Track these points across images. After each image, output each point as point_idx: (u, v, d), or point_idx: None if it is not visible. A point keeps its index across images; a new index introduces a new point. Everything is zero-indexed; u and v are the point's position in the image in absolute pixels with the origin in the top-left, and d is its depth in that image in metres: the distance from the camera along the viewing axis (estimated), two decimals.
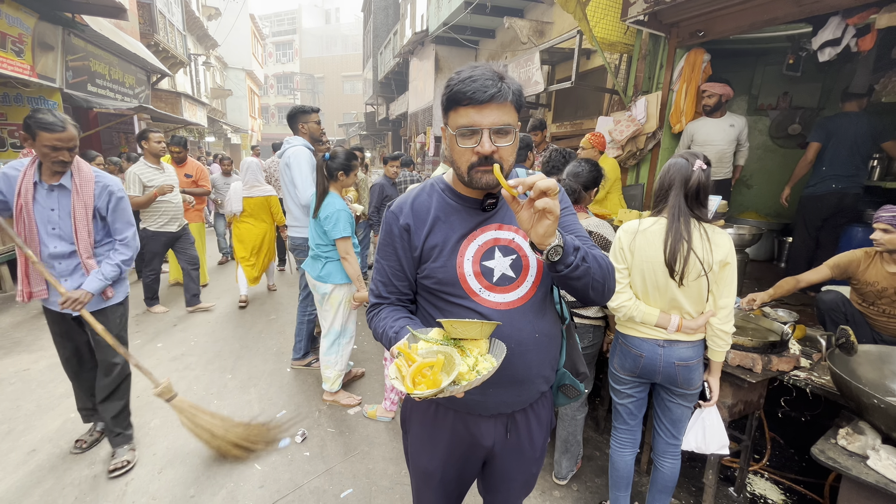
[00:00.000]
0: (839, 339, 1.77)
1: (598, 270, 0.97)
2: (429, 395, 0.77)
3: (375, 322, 1.10)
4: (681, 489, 2.25)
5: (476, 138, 0.93)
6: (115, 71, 7.90)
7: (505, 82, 0.92)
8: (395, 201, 1.14)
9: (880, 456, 1.44)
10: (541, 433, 1.20)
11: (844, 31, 2.92)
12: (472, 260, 1.04)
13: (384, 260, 1.12)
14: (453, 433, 1.14)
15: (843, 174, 3.26)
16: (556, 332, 1.15)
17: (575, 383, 1.21)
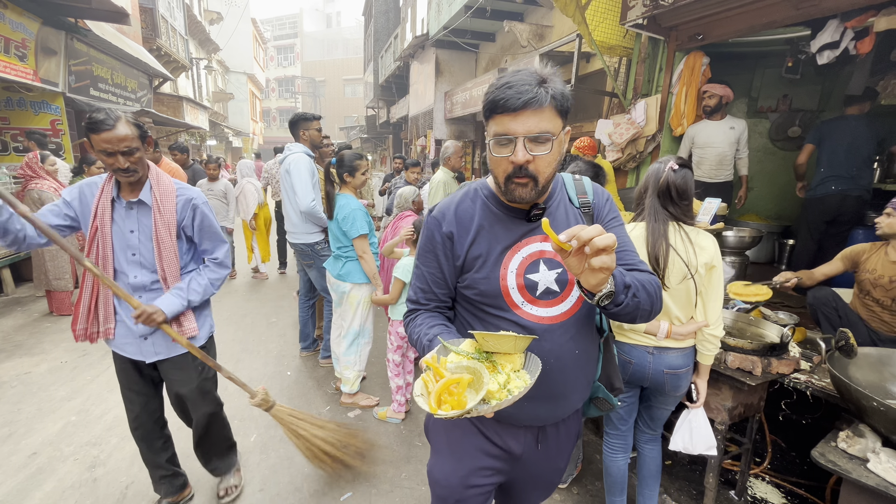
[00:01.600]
0: (838, 341, 1.77)
1: (646, 300, 0.93)
2: (454, 416, 0.74)
3: (411, 328, 1.08)
4: (682, 493, 2.24)
5: (511, 147, 0.89)
6: (118, 75, 7.95)
7: (544, 87, 0.87)
8: (437, 207, 1.10)
9: (880, 459, 1.44)
10: (569, 443, 1.20)
11: (843, 34, 2.93)
12: (516, 273, 1.00)
13: (424, 266, 1.09)
14: (480, 440, 1.11)
15: (843, 176, 3.26)
16: (595, 346, 1.14)
17: (608, 397, 1.18)
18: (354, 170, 2.62)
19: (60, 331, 4.00)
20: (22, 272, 5.30)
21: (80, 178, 4.74)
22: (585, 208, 1.07)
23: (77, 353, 3.55)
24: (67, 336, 3.87)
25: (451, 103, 8.01)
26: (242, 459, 2.33)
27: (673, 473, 2.37)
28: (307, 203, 2.90)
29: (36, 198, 4.06)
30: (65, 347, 3.65)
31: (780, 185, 4.70)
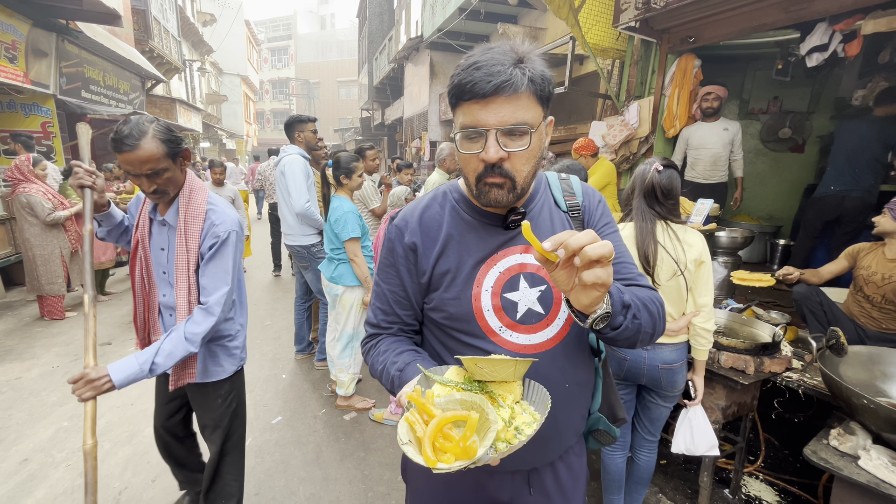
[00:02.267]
0: (829, 339, 1.79)
1: (648, 322, 0.77)
2: (458, 468, 0.57)
3: (373, 356, 0.91)
4: (676, 492, 2.25)
5: (481, 142, 0.74)
6: (110, 77, 7.90)
7: (521, 67, 0.71)
8: (400, 213, 0.93)
9: (871, 456, 1.46)
10: (575, 486, 0.99)
11: (831, 37, 2.97)
12: (492, 291, 0.84)
13: (385, 283, 0.92)
14: (462, 486, 0.94)
15: (844, 177, 3.27)
16: (590, 375, 0.96)
17: (610, 429, 1.02)
18: (351, 172, 2.63)
19: (52, 335, 3.96)
20: (12, 276, 5.24)
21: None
22: (574, 212, 0.91)
23: (69, 357, 3.51)
24: (59, 340, 3.83)
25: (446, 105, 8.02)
26: None
27: (668, 473, 2.39)
28: (301, 205, 2.90)
29: (24, 202, 4.02)
30: (56, 352, 3.61)
31: (771, 186, 4.75)
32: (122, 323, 4.27)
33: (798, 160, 4.56)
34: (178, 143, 1.40)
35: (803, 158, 4.53)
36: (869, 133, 3.14)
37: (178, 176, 1.44)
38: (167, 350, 1.38)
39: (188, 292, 1.45)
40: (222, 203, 1.52)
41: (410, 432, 0.63)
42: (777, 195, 4.72)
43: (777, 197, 4.72)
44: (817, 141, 4.41)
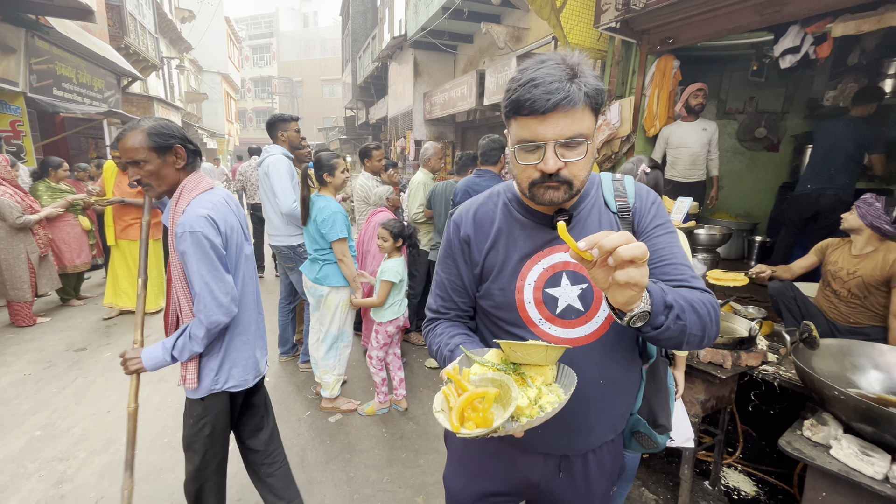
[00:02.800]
0: (802, 333, 1.85)
1: (695, 324, 0.76)
2: (479, 436, 0.66)
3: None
4: (658, 485, 2.30)
5: (539, 154, 0.78)
6: (83, 74, 7.65)
7: (576, 82, 0.75)
8: (458, 209, 1.02)
9: (842, 445, 1.51)
10: (602, 482, 1.02)
11: (803, 39, 3.06)
12: (535, 285, 0.89)
13: (443, 272, 1.01)
14: (495, 462, 1.01)
15: (820, 175, 3.36)
16: (631, 376, 0.98)
17: (651, 434, 1.03)
18: (333, 168, 2.60)
19: (23, 342, 3.82)
20: None
21: (42, 182, 4.54)
22: (624, 213, 0.92)
23: (42, 364, 3.40)
24: (31, 347, 3.70)
25: (431, 104, 8.01)
26: None
27: (650, 466, 2.43)
28: (288, 205, 2.86)
29: None
30: (28, 359, 3.48)
31: (748, 184, 4.88)
32: (97, 328, 4.15)
33: (773, 159, 4.69)
34: (165, 140, 1.39)
35: (778, 157, 4.66)
36: (845, 133, 3.24)
37: (166, 172, 1.42)
38: (180, 345, 1.42)
39: (182, 293, 1.45)
40: (205, 204, 1.41)
41: (445, 403, 0.73)
42: (754, 193, 4.85)
43: (754, 195, 4.85)
44: (791, 140, 4.54)
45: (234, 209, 1.53)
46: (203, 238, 1.37)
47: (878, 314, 2.18)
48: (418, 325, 4.04)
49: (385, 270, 2.67)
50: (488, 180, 2.99)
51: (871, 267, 2.13)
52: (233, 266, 1.50)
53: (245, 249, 1.56)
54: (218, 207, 1.45)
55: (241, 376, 1.55)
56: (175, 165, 1.44)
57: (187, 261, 1.38)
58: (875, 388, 1.76)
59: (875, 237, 2.16)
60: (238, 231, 1.52)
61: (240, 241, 1.53)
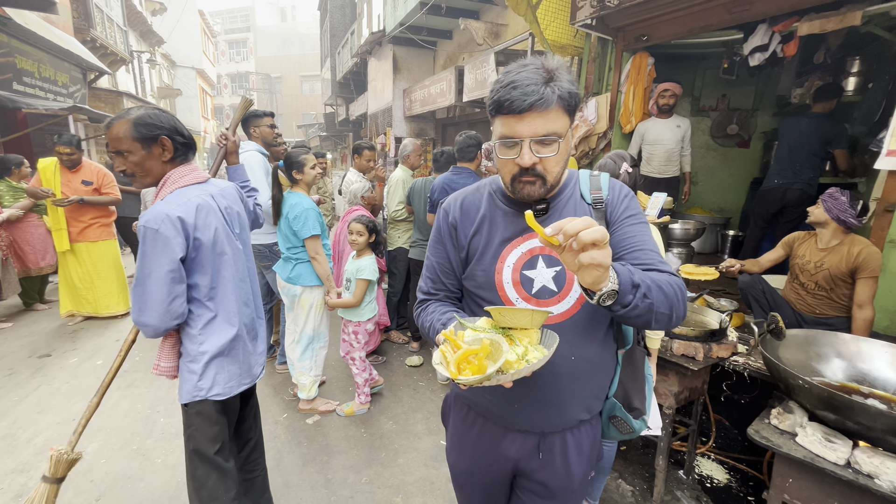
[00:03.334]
0: (770, 324, 1.89)
1: (662, 302, 0.83)
2: (474, 382, 0.73)
3: (423, 317, 1.07)
4: (635, 476, 2.33)
5: (517, 150, 0.88)
6: (46, 68, 7.31)
7: (551, 85, 0.84)
8: (447, 199, 1.11)
9: (807, 432, 1.55)
10: (580, 463, 1.08)
11: (771, 37, 3.13)
12: (513, 267, 0.98)
13: (434, 256, 1.11)
14: (480, 440, 1.11)
15: (786, 170, 3.46)
16: (605, 357, 1.04)
17: (626, 418, 1.10)
18: (302, 165, 2.54)
19: None
20: None
21: (2, 181, 4.32)
22: (598, 204, 1.01)
23: (2, 372, 3.24)
24: None
25: (410, 101, 7.95)
26: None
27: (627, 458, 2.47)
28: (264, 201, 2.79)
29: None
30: None
31: (721, 180, 5.00)
32: (62, 334, 3.98)
33: (744, 155, 4.81)
34: (151, 131, 1.35)
35: (749, 153, 4.78)
36: (808, 129, 3.33)
37: (151, 164, 1.38)
38: None
39: None
40: (178, 200, 1.34)
41: (443, 358, 0.81)
42: (727, 188, 4.97)
43: (727, 190, 4.97)
44: (761, 137, 4.67)
45: (220, 208, 1.46)
46: (157, 236, 1.28)
47: (843, 305, 2.26)
48: (398, 323, 4.01)
49: (363, 269, 2.64)
50: (465, 177, 2.98)
51: (837, 260, 2.19)
52: (206, 269, 1.40)
53: (229, 249, 1.47)
54: (190, 205, 1.35)
55: (227, 382, 1.46)
56: (162, 158, 1.39)
57: (139, 254, 1.31)
58: (838, 376, 1.81)
59: (840, 230, 2.22)
60: (221, 231, 1.44)
61: (221, 242, 1.43)
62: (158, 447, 2.42)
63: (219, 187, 1.52)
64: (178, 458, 2.33)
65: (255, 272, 1.64)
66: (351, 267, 2.71)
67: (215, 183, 1.53)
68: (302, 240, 2.49)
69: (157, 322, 1.31)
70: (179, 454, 2.36)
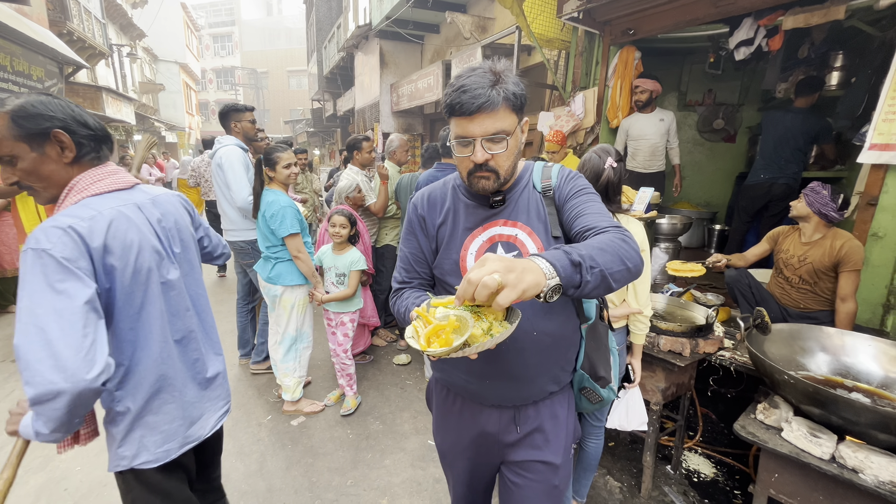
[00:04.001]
0: (755, 319, 1.89)
1: (612, 261, 0.82)
2: (441, 354, 0.78)
3: (398, 304, 1.11)
4: (623, 472, 2.33)
5: (470, 148, 0.96)
6: (19, 62, 7.06)
7: (497, 88, 0.92)
8: (417, 194, 1.19)
9: (792, 427, 1.55)
10: (558, 432, 1.14)
11: (756, 31, 3.13)
12: (475, 254, 1.06)
13: (406, 247, 1.17)
14: (461, 418, 1.18)
15: (771, 165, 3.46)
16: (567, 331, 1.10)
17: (594, 387, 1.17)
18: (275, 163, 2.47)
19: None
20: None
21: None
22: (547, 192, 1.09)
23: None
24: None
25: (398, 96, 7.86)
26: None
27: (615, 454, 2.46)
28: (243, 198, 2.71)
29: None
30: None
31: (708, 174, 5.02)
32: None
33: (730, 150, 4.84)
34: (37, 124, 1.01)
35: (735, 148, 4.81)
36: (793, 124, 3.34)
37: (49, 170, 1.05)
38: (26, 421, 0.98)
39: None
40: (81, 213, 1.01)
41: (415, 333, 0.86)
42: (713, 183, 5.00)
43: (713, 184, 5.00)
44: (747, 131, 4.69)
45: (150, 222, 1.14)
46: (49, 259, 0.92)
47: (827, 299, 2.27)
48: (387, 321, 3.96)
49: (356, 261, 2.68)
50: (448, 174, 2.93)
51: (820, 254, 2.20)
52: (130, 303, 1.08)
53: (163, 276, 1.15)
54: (100, 221, 1.02)
55: (160, 446, 1.14)
56: (62, 159, 1.05)
57: (20, 289, 0.92)
58: (822, 370, 1.82)
59: (822, 224, 2.23)
60: (147, 252, 1.10)
61: (146, 268, 1.10)
62: None
63: (150, 194, 1.19)
64: None
65: (204, 298, 1.31)
66: (341, 261, 2.70)
67: (145, 189, 1.20)
68: (281, 238, 2.42)
69: (69, 382, 0.88)
70: None
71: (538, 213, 1.06)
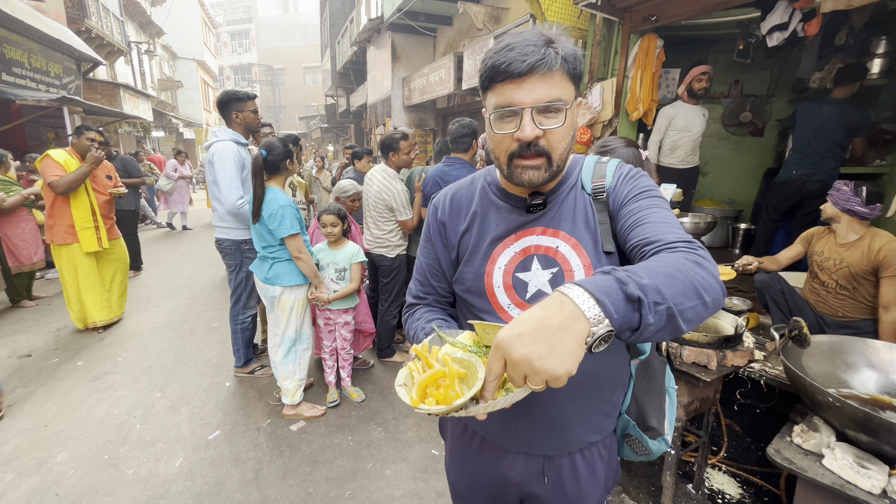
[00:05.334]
0: (792, 330, 1.70)
1: (682, 294, 0.59)
2: (437, 413, 0.61)
3: (409, 323, 0.98)
4: (640, 490, 2.17)
5: (516, 122, 0.74)
6: (37, 59, 7.16)
7: (553, 46, 0.72)
8: (439, 194, 1.01)
9: (835, 455, 1.37)
10: (594, 489, 0.95)
11: (791, 15, 2.89)
12: (504, 269, 0.87)
13: (423, 257, 1.01)
14: (479, 458, 0.99)
15: (805, 161, 3.22)
16: (614, 369, 0.90)
17: (642, 438, 0.96)
18: (291, 154, 2.41)
19: None
20: None
21: None
22: (599, 194, 0.86)
23: None
24: None
25: (409, 90, 7.73)
26: (163, 489, 2.07)
27: (633, 471, 2.30)
28: (231, 201, 2.57)
29: None
30: None
31: (733, 170, 4.76)
32: (47, 332, 3.86)
33: (758, 144, 4.57)
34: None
35: (763, 142, 4.53)
36: (830, 116, 3.08)
37: None
38: None
39: None
40: None
41: (409, 378, 0.69)
42: (738, 179, 4.73)
43: (738, 181, 4.73)
44: (776, 125, 4.41)
45: None
46: None
47: (868, 306, 2.06)
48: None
49: (355, 254, 2.64)
50: (458, 169, 2.78)
51: (858, 256, 2.02)
52: None
53: None
54: None
55: None
56: None
57: None
58: (868, 388, 1.62)
59: (856, 222, 2.08)
60: None
61: None
62: (132, 457, 2.28)
63: None
64: (150, 470, 2.19)
65: None
66: (340, 256, 2.63)
67: None
68: (279, 239, 2.32)
69: None
70: (152, 465, 2.22)
71: (587, 220, 0.84)
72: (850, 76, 3.05)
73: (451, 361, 0.68)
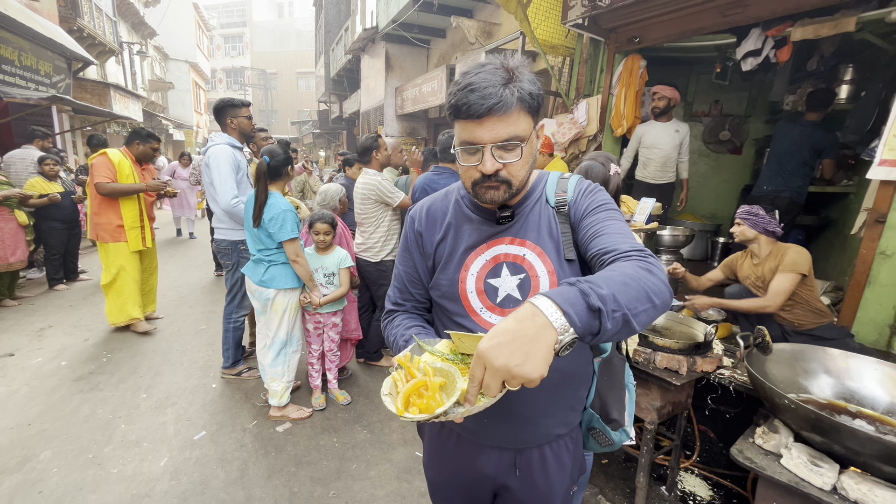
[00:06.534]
0: (756, 338, 1.81)
1: (636, 298, 0.67)
2: (421, 420, 0.68)
3: (388, 330, 1.03)
4: (616, 492, 2.25)
5: (478, 156, 0.83)
6: (27, 57, 7.13)
7: (511, 87, 0.78)
8: (416, 205, 1.08)
9: (792, 454, 1.47)
10: (561, 479, 1.03)
11: (764, 42, 3.07)
12: (477, 276, 0.95)
13: (401, 265, 1.07)
14: (455, 454, 1.06)
15: (775, 178, 3.39)
16: (578, 367, 0.98)
17: (605, 430, 1.04)
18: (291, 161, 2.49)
19: None
20: None
21: None
22: (561, 208, 0.94)
23: None
24: None
25: (402, 99, 7.85)
26: (147, 488, 2.09)
27: (608, 473, 2.38)
28: (227, 201, 2.65)
29: None
30: None
31: (713, 186, 4.94)
32: (30, 332, 3.82)
33: (736, 161, 4.77)
34: None
35: (741, 160, 4.73)
36: (800, 136, 3.27)
37: None
38: None
39: None
40: None
41: (393, 387, 0.75)
42: (718, 195, 4.92)
43: (718, 196, 4.92)
44: (753, 143, 4.62)
45: None
46: None
47: (817, 310, 2.21)
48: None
49: (344, 258, 2.70)
50: (446, 178, 2.88)
51: (773, 265, 2.23)
52: None
53: None
54: None
55: None
56: None
57: None
58: (826, 394, 1.74)
59: (770, 240, 2.30)
60: None
61: None
62: (116, 456, 2.29)
63: None
64: (134, 469, 2.20)
65: None
66: (329, 261, 2.69)
67: None
68: (277, 242, 2.38)
69: None
70: (137, 464, 2.24)
71: (550, 231, 0.93)
72: (821, 102, 3.24)
73: (432, 373, 0.75)
